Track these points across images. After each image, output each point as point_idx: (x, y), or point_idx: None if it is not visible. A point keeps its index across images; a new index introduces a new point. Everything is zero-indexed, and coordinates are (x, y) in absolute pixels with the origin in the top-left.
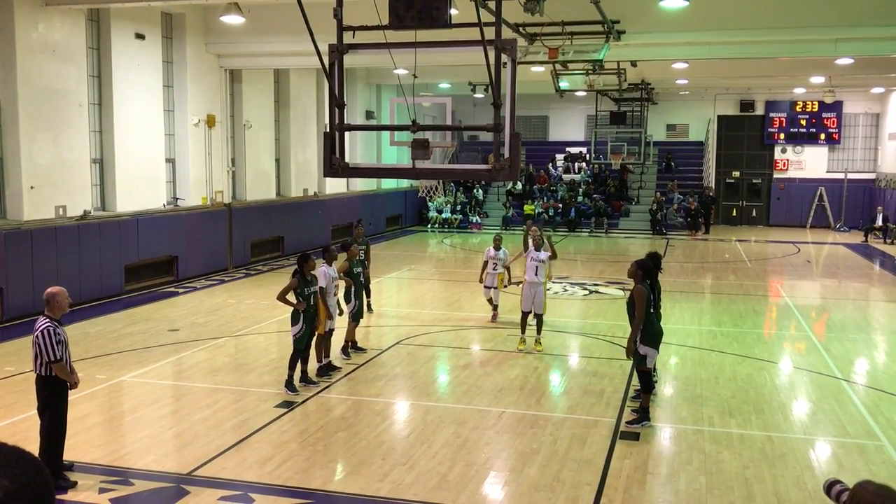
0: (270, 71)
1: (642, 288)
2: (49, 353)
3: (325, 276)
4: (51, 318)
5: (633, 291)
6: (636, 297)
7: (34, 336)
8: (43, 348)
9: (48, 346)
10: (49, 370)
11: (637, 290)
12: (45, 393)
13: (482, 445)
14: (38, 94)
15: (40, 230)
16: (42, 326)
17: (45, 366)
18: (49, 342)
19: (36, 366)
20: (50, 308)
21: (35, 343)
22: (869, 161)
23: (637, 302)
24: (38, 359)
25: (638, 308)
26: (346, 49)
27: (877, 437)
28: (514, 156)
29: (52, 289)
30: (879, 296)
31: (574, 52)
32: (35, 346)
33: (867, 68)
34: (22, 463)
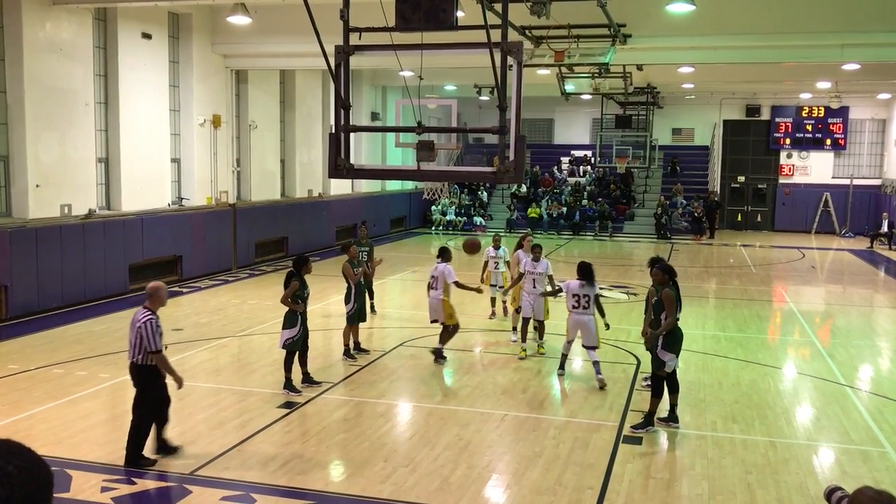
0: (276, 72)
1: (670, 291)
2: (152, 344)
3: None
4: (151, 310)
5: (662, 295)
6: (665, 302)
7: (136, 326)
8: (146, 338)
9: (151, 336)
10: (147, 359)
11: (665, 294)
12: (142, 379)
13: (484, 448)
14: (44, 92)
15: (45, 229)
16: (145, 318)
17: (145, 355)
18: (152, 333)
19: (133, 354)
20: (152, 301)
21: (138, 333)
22: (875, 167)
23: (667, 306)
24: (137, 348)
25: (668, 312)
26: (352, 50)
27: (880, 444)
28: (518, 158)
29: (155, 283)
30: (884, 302)
31: (580, 56)
32: (137, 336)
33: (874, 74)
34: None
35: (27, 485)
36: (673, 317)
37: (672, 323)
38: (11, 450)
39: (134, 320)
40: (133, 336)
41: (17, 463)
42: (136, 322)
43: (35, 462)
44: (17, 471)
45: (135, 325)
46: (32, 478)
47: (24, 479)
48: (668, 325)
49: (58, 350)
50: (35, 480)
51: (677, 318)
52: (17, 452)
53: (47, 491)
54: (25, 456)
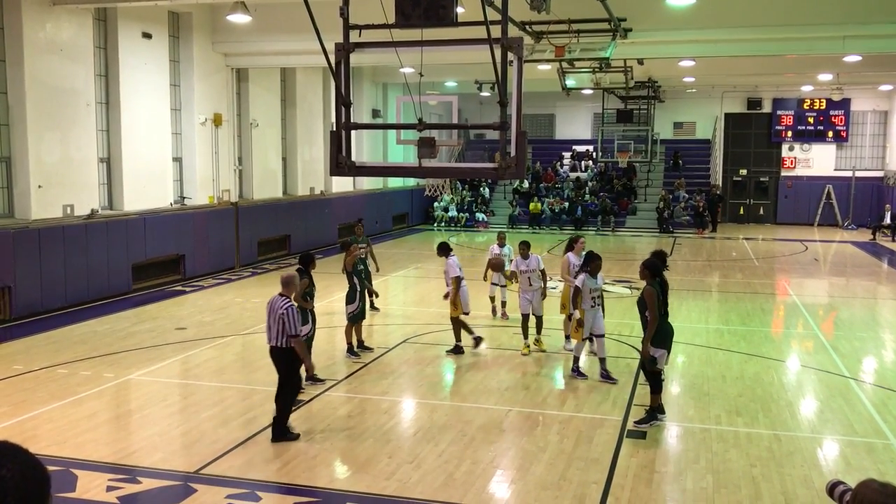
0: (277, 70)
1: (652, 289)
2: (292, 328)
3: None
4: (287, 297)
5: (644, 293)
6: (647, 299)
7: (278, 313)
8: (288, 323)
9: (292, 321)
10: (287, 342)
11: (647, 291)
12: (286, 360)
13: (489, 444)
14: (45, 93)
15: (48, 229)
16: (286, 304)
17: (286, 339)
18: (293, 318)
19: (274, 337)
20: (287, 289)
21: (280, 318)
22: (877, 159)
23: (648, 303)
24: (280, 333)
25: (650, 309)
26: (352, 47)
27: (885, 436)
28: (520, 154)
29: (290, 272)
30: (887, 294)
31: (581, 51)
32: (279, 322)
33: (875, 65)
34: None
35: (21, 488)
36: (655, 314)
37: (655, 321)
38: (6, 452)
39: (274, 307)
40: (274, 322)
41: (12, 466)
42: (276, 309)
43: (31, 465)
44: (10, 474)
45: (276, 311)
46: (27, 481)
47: (18, 482)
48: (651, 325)
49: (62, 350)
50: (30, 484)
51: (664, 313)
52: (13, 455)
53: (43, 494)
54: (21, 459)
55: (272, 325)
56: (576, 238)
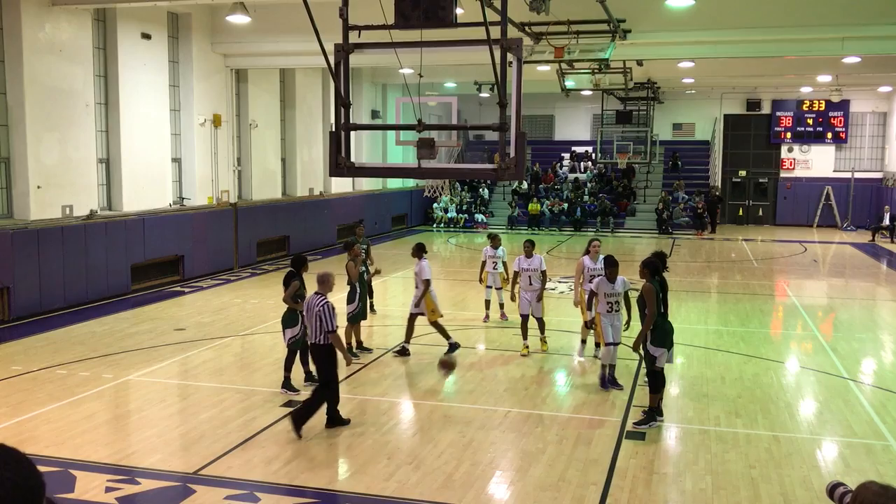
0: (276, 70)
1: (651, 285)
2: (329, 324)
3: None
4: (323, 294)
5: (643, 289)
6: (646, 295)
7: (315, 311)
8: (325, 319)
9: (329, 318)
10: (325, 339)
11: (646, 287)
12: (326, 356)
13: (488, 445)
14: (44, 93)
15: (47, 230)
16: (322, 301)
17: (325, 335)
18: (331, 315)
19: (315, 335)
20: (323, 287)
21: (317, 316)
22: (876, 160)
23: (647, 300)
24: (318, 330)
25: (649, 305)
26: (351, 48)
27: (884, 437)
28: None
29: (324, 272)
30: (886, 295)
31: (580, 52)
32: (316, 319)
33: (874, 67)
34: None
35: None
36: (653, 310)
37: (653, 316)
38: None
39: (311, 305)
40: (313, 320)
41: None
42: (313, 307)
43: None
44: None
45: (313, 309)
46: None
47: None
48: (649, 320)
49: (60, 351)
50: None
51: (663, 312)
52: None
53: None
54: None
55: (310, 321)
56: (592, 240)
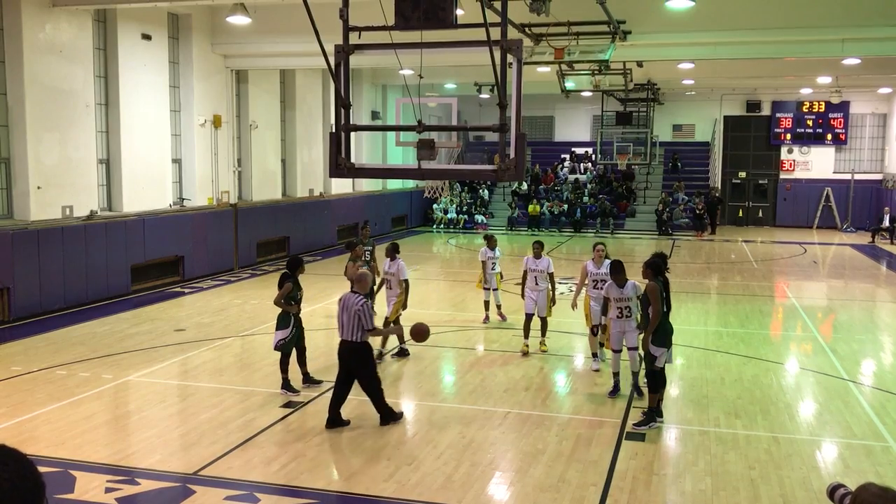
0: (276, 71)
1: (655, 284)
2: (368, 323)
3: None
4: (360, 293)
5: (647, 289)
6: (650, 294)
7: (353, 309)
8: (364, 319)
9: (367, 317)
10: (363, 337)
11: (650, 286)
12: (360, 356)
13: (487, 446)
14: (45, 94)
15: (47, 230)
16: (360, 302)
17: (361, 334)
18: (369, 314)
19: (350, 334)
20: (360, 286)
21: (356, 314)
22: (876, 161)
23: (652, 298)
24: (355, 328)
25: (654, 304)
26: (351, 49)
27: (883, 439)
28: (519, 156)
29: (361, 271)
30: (886, 297)
31: (580, 53)
32: (355, 317)
33: (874, 68)
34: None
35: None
36: (658, 308)
37: (658, 315)
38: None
39: (347, 304)
40: (348, 317)
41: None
42: (352, 305)
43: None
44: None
45: (350, 307)
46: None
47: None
48: (654, 319)
49: (60, 351)
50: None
51: (665, 312)
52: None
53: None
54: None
55: (346, 321)
56: (595, 245)
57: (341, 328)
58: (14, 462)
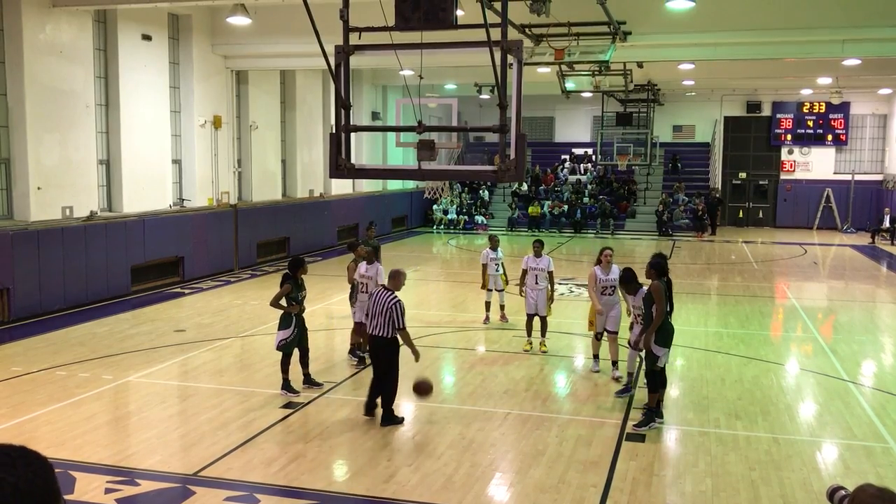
0: (277, 72)
1: (659, 283)
2: (400, 322)
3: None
4: (392, 291)
5: (651, 288)
6: (654, 293)
7: (387, 306)
8: (396, 317)
9: (400, 315)
10: (391, 333)
11: (654, 285)
12: (389, 351)
13: (487, 447)
14: (45, 94)
15: (47, 231)
16: (394, 299)
17: (393, 330)
18: (401, 312)
19: (380, 329)
20: (394, 284)
21: (388, 311)
22: (876, 162)
23: (656, 298)
24: (385, 324)
25: (658, 303)
26: (352, 50)
27: (884, 440)
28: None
29: (396, 268)
30: (886, 297)
31: (580, 53)
32: (386, 313)
33: (875, 69)
34: (30, 463)
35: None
36: (662, 307)
37: (662, 313)
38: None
39: (379, 300)
40: (381, 314)
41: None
42: (385, 302)
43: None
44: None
45: (383, 304)
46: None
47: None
48: (658, 317)
49: (60, 352)
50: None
51: (668, 312)
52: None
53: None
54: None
55: (377, 315)
56: (603, 250)
57: (372, 323)
58: (25, 467)
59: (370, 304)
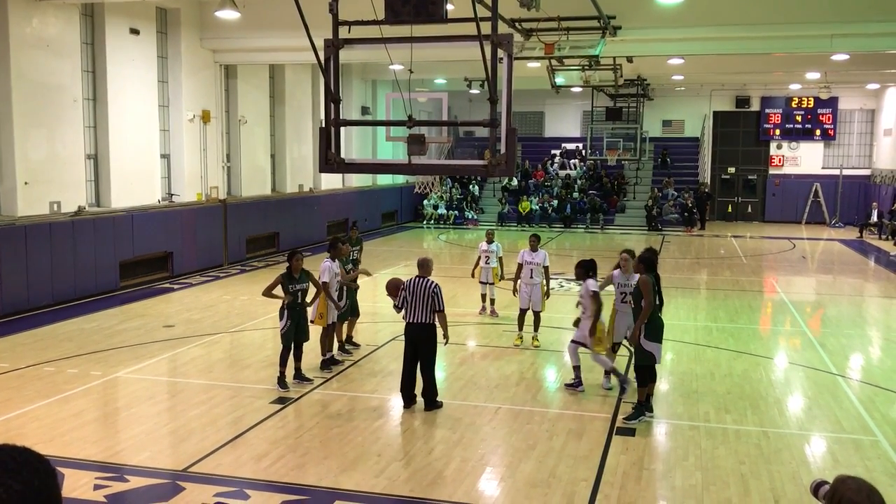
0: (266, 66)
1: (647, 277)
2: (440, 304)
3: (327, 271)
4: (427, 277)
5: (640, 282)
6: (642, 287)
7: (430, 291)
8: (437, 300)
9: (440, 299)
10: (432, 318)
11: (643, 279)
12: (431, 336)
13: (478, 441)
14: (32, 89)
15: (34, 226)
16: (434, 283)
17: (433, 315)
18: (441, 295)
19: (421, 316)
20: (424, 270)
21: (432, 295)
22: (864, 157)
23: (644, 292)
24: (428, 309)
25: (646, 297)
26: (341, 44)
27: (872, 433)
28: (510, 151)
29: (425, 256)
30: (874, 291)
31: (570, 48)
32: (429, 299)
33: (863, 64)
34: (31, 465)
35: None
36: (650, 300)
37: (650, 307)
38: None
39: (418, 287)
40: (422, 300)
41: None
42: (425, 288)
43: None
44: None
45: (424, 290)
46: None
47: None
48: (645, 311)
49: (48, 348)
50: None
51: (657, 306)
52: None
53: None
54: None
55: (418, 303)
56: (622, 252)
57: (411, 311)
58: (31, 473)
59: (407, 293)
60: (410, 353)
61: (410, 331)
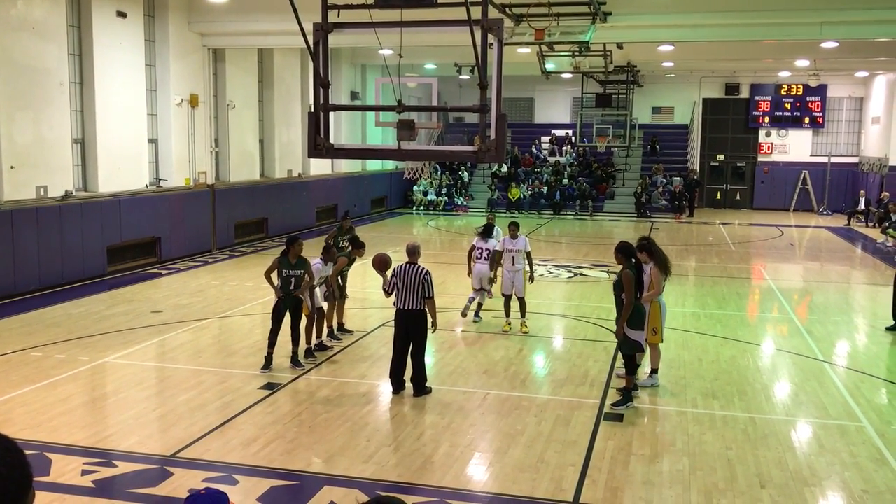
0: (254, 50)
1: (629, 272)
2: (429, 291)
3: (316, 272)
4: (416, 264)
5: (621, 275)
6: (624, 282)
7: (420, 278)
8: (427, 287)
9: (431, 285)
10: (421, 305)
11: (624, 274)
12: (421, 322)
13: (467, 427)
14: (17, 72)
15: (21, 210)
16: (424, 269)
17: (422, 301)
18: (431, 282)
19: (412, 302)
20: (415, 257)
21: (423, 282)
22: (852, 145)
23: (625, 286)
24: (418, 296)
25: (627, 292)
26: (330, 28)
27: (857, 419)
28: (500, 137)
29: (414, 242)
30: (861, 279)
31: (560, 34)
32: (421, 286)
33: (852, 52)
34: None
35: None
36: (631, 297)
37: (631, 303)
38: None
39: (409, 273)
40: (413, 287)
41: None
42: (417, 274)
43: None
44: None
45: (416, 277)
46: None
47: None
48: (627, 307)
49: (35, 333)
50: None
51: (637, 297)
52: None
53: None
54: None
55: (409, 290)
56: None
57: (401, 297)
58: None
59: (397, 280)
60: (401, 339)
61: (401, 317)
